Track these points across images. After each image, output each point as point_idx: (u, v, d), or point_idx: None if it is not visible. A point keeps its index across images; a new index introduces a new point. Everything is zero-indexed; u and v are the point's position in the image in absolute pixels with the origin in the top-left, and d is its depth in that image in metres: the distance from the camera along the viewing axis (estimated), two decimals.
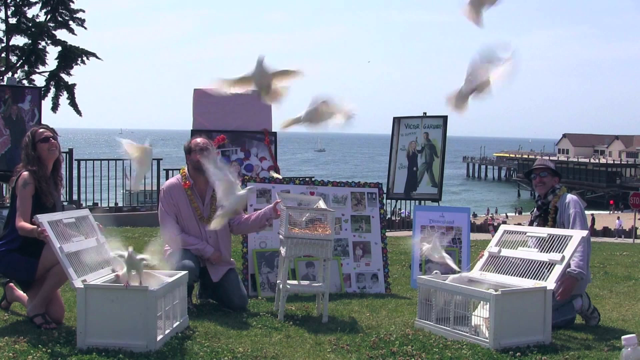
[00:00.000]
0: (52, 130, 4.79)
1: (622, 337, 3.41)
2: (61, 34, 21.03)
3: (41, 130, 4.76)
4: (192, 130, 7.45)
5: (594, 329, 5.06)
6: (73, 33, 21.04)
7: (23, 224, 4.43)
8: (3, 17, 20.28)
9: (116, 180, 15.20)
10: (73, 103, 21.28)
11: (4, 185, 10.49)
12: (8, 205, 7.92)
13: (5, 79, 18.30)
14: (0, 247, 4.58)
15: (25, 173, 4.59)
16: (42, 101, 8.04)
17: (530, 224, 5.46)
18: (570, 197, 5.23)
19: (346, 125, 4.85)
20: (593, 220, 30.66)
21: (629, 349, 3.49)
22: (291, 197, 5.84)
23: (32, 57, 20.57)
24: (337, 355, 4.08)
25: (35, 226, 4.26)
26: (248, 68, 4.69)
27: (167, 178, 12.31)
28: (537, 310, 4.40)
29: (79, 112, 21.38)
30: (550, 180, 5.32)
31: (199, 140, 5.44)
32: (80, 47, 21.18)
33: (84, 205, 12.88)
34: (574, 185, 62.21)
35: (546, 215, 5.28)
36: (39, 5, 20.57)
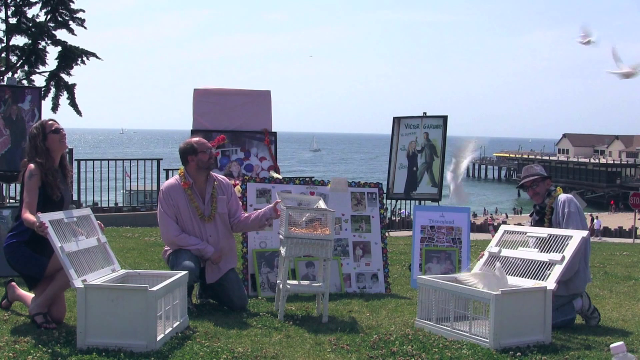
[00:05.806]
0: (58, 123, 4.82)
1: (610, 345, 3.25)
2: (61, 34, 21.07)
3: (51, 122, 4.78)
4: (192, 130, 7.46)
5: (594, 329, 5.07)
6: (73, 33, 21.07)
7: (28, 215, 4.41)
8: (3, 17, 20.29)
9: (116, 181, 15.20)
10: (73, 103, 21.29)
11: (4, 186, 10.48)
12: (8, 205, 7.93)
13: (5, 79, 18.30)
14: (11, 239, 4.58)
15: (32, 165, 4.59)
16: (42, 101, 8.02)
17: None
18: (564, 196, 5.23)
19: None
20: (592, 220, 30.65)
21: (618, 357, 3.32)
22: (291, 197, 5.84)
23: (32, 57, 20.57)
24: (337, 355, 4.08)
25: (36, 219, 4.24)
26: None
27: (167, 178, 12.33)
28: (537, 310, 4.41)
29: (79, 112, 21.39)
30: (543, 187, 5.32)
31: (198, 139, 5.43)
32: (80, 47, 21.19)
33: (84, 205, 12.88)
34: (574, 186, 62.17)
35: (543, 217, 5.29)
36: (39, 5, 20.59)
